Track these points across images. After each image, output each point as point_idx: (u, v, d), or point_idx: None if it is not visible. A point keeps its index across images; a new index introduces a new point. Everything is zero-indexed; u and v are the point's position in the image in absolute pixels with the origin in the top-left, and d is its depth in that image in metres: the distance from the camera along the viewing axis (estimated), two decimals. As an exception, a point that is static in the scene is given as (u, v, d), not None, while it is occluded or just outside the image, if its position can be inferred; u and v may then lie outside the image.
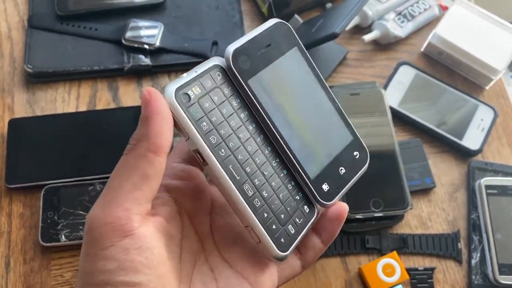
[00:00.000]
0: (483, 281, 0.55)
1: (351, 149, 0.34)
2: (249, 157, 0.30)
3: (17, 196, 0.56)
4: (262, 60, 0.31)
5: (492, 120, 0.63)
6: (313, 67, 0.34)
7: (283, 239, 0.30)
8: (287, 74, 0.32)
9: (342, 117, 0.35)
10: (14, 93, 0.62)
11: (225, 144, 0.29)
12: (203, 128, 0.28)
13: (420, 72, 0.65)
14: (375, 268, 0.53)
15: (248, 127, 0.30)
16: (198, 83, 0.29)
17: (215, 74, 0.30)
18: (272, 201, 0.30)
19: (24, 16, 0.67)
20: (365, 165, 0.35)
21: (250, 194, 0.29)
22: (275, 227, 0.30)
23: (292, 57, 0.32)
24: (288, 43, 0.33)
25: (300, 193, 0.32)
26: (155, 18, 0.66)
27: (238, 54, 0.30)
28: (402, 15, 0.68)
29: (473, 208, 0.59)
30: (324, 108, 0.34)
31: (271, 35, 0.32)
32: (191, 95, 0.28)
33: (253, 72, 0.30)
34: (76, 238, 0.53)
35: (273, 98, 0.31)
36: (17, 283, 0.53)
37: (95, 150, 0.58)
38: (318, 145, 0.33)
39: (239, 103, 0.30)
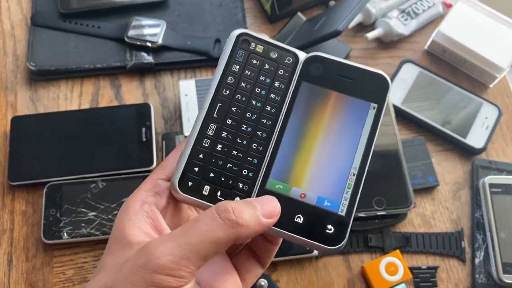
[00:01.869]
0: (487, 280, 0.55)
1: (329, 220, 0.29)
2: (239, 118, 0.31)
3: (19, 194, 0.57)
4: (331, 82, 0.31)
5: (496, 118, 0.63)
6: (373, 135, 0.31)
7: (191, 185, 0.29)
8: (342, 111, 0.31)
9: (353, 193, 0.30)
10: (17, 91, 0.62)
11: (233, 91, 0.31)
12: (231, 68, 0.31)
13: (424, 70, 0.65)
14: (378, 266, 0.53)
15: (266, 106, 0.31)
16: (265, 46, 0.32)
17: (286, 55, 0.32)
18: (218, 157, 0.30)
19: (27, 14, 0.67)
20: (327, 246, 0.29)
21: (208, 133, 0.30)
22: (196, 171, 0.29)
23: (361, 106, 0.31)
24: (371, 95, 0.31)
25: (247, 187, 0.30)
26: (158, 16, 0.66)
27: (317, 60, 0.32)
28: (405, 13, 0.68)
29: (477, 207, 0.58)
30: (342, 167, 0.30)
31: (363, 76, 0.31)
32: (250, 46, 0.32)
33: (313, 80, 0.31)
34: (78, 235, 0.54)
35: (307, 112, 0.31)
36: (19, 280, 0.53)
37: (98, 147, 0.58)
38: (302, 178, 0.30)
39: (281, 88, 0.31)
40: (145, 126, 0.59)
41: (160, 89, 0.64)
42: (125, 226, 0.28)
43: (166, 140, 0.58)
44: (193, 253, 0.25)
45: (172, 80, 0.64)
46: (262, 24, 0.69)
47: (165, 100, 0.63)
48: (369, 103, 0.31)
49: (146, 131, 0.59)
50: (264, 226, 0.27)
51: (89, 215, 0.54)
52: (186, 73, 0.65)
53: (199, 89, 0.61)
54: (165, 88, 0.64)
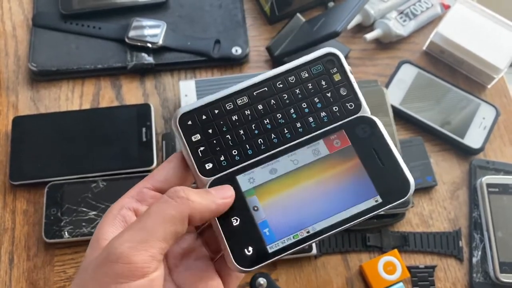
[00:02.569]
0: (484, 279, 0.55)
1: (256, 244, 0.29)
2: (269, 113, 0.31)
3: (21, 193, 0.57)
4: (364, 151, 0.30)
5: (494, 118, 0.63)
6: (355, 219, 0.29)
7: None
8: (350, 178, 0.30)
9: (295, 243, 0.29)
10: (19, 91, 0.63)
11: (286, 88, 0.31)
12: (300, 71, 0.31)
13: (422, 71, 0.66)
14: (376, 265, 0.54)
15: (298, 122, 0.31)
16: (342, 78, 0.32)
17: (350, 101, 0.31)
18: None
19: (28, 15, 0.67)
20: (236, 264, 0.28)
21: (237, 102, 0.31)
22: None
23: (366, 190, 0.30)
24: (384, 192, 0.29)
25: (225, 162, 0.31)
26: (158, 17, 0.67)
27: (365, 122, 0.31)
28: (404, 14, 0.68)
29: (475, 207, 0.59)
30: (300, 218, 0.29)
31: (391, 170, 0.30)
32: (331, 69, 0.32)
33: (353, 138, 0.31)
34: (79, 234, 0.54)
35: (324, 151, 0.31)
36: (20, 279, 0.53)
37: (98, 147, 0.59)
38: (270, 193, 0.30)
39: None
40: (145, 126, 0.60)
41: (160, 90, 0.64)
42: (101, 229, 0.28)
43: (166, 140, 0.59)
44: (150, 236, 0.26)
45: (172, 80, 0.65)
46: (262, 25, 0.69)
47: (165, 100, 0.63)
48: (376, 195, 0.29)
49: (147, 131, 0.59)
50: (218, 204, 0.28)
51: (89, 214, 0.55)
52: (186, 73, 0.65)
53: (199, 89, 0.61)
54: (165, 88, 0.64)
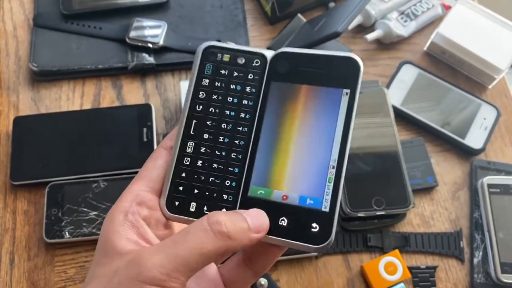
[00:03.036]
0: (485, 279, 0.55)
1: (313, 218, 0.28)
2: (215, 130, 0.31)
3: (21, 193, 0.57)
4: (300, 76, 0.31)
5: (495, 119, 0.63)
6: (349, 120, 0.29)
7: (178, 204, 0.30)
8: (314, 103, 0.30)
9: (335, 186, 0.29)
10: (19, 91, 0.63)
11: (206, 105, 0.31)
12: (201, 82, 0.31)
13: (423, 71, 0.66)
14: (377, 266, 0.54)
15: (241, 113, 0.31)
16: (232, 54, 0.32)
17: (253, 59, 0.32)
18: (200, 173, 0.30)
19: (29, 15, 0.67)
20: (314, 246, 0.28)
21: (187, 151, 0.31)
22: (181, 190, 0.30)
23: (333, 95, 0.30)
24: (342, 81, 0.30)
25: (232, 197, 0.30)
26: (159, 17, 0.67)
27: (283, 57, 0.31)
28: (405, 14, 0.68)
29: (476, 207, 0.59)
30: (320, 162, 0.29)
31: (331, 63, 0.30)
32: (217, 57, 0.32)
33: (282, 78, 0.31)
34: (79, 234, 0.54)
35: (280, 111, 0.30)
36: (21, 279, 0.53)
37: (99, 147, 0.59)
38: (282, 180, 0.29)
39: (252, 92, 0.31)
40: (146, 126, 0.60)
41: (161, 90, 0.64)
42: (113, 237, 0.28)
43: (167, 140, 0.59)
44: (183, 265, 0.26)
45: (173, 80, 0.65)
46: (262, 25, 0.69)
47: (166, 100, 0.63)
48: (341, 89, 0.30)
49: (147, 131, 0.59)
50: (253, 241, 0.27)
51: (90, 214, 0.55)
52: (187, 73, 0.65)
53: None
54: (166, 88, 0.64)
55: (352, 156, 0.57)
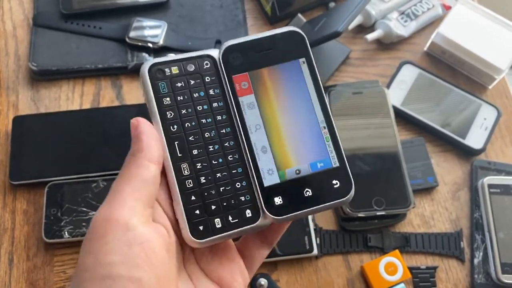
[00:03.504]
0: (486, 280, 0.55)
1: (330, 176, 0.31)
2: (202, 142, 0.30)
3: (21, 193, 0.57)
4: (256, 61, 0.31)
5: (495, 119, 0.63)
6: (317, 84, 0.32)
7: (203, 228, 0.29)
8: (280, 81, 0.32)
9: (334, 142, 0.31)
10: (19, 91, 0.63)
11: (180, 122, 0.30)
12: (163, 102, 0.30)
13: (423, 71, 0.65)
14: (377, 266, 0.53)
15: (216, 116, 0.31)
16: (179, 64, 0.31)
17: (202, 62, 0.31)
18: (207, 189, 0.30)
19: (29, 15, 0.67)
20: (343, 199, 0.31)
21: (185, 173, 0.30)
22: (199, 213, 0.29)
23: (293, 67, 0.32)
24: (295, 53, 0.32)
25: (248, 196, 0.30)
26: (159, 17, 0.66)
27: (232, 49, 0.31)
28: (405, 14, 0.68)
29: (476, 207, 0.59)
30: (311, 128, 0.31)
31: (277, 41, 0.32)
32: (166, 72, 0.31)
33: (241, 69, 0.31)
34: (79, 234, 0.54)
35: (254, 99, 0.31)
36: (20, 279, 0.53)
37: (99, 147, 0.58)
38: (287, 158, 0.31)
39: (217, 93, 0.31)
40: (146, 126, 0.59)
41: (161, 90, 0.64)
42: None
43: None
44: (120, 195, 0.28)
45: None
46: (263, 25, 0.69)
47: (166, 100, 0.63)
48: (297, 60, 0.32)
49: (147, 131, 0.59)
50: None
51: (90, 214, 0.55)
52: (187, 73, 0.65)
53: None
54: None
55: (352, 156, 0.57)
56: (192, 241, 0.29)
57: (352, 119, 0.59)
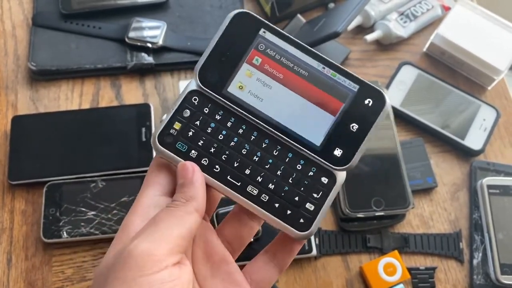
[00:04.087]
0: (485, 281, 0.55)
1: (360, 99, 0.32)
2: (245, 159, 0.31)
3: (19, 193, 0.57)
4: (231, 63, 0.32)
5: (495, 120, 0.63)
6: (288, 39, 0.32)
7: (303, 220, 0.31)
8: (262, 61, 0.32)
9: (340, 72, 0.32)
10: (18, 91, 0.62)
11: (217, 160, 0.31)
12: (192, 157, 0.31)
13: (423, 72, 0.65)
14: (376, 267, 0.53)
15: (238, 131, 0.31)
16: (177, 118, 0.31)
17: (191, 101, 0.31)
18: (280, 189, 0.31)
19: (28, 15, 0.67)
20: (383, 108, 0.32)
21: (255, 193, 0.31)
22: (291, 212, 0.31)
23: (262, 42, 0.32)
24: (252, 30, 0.32)
25: (314, 168, 0.31)
26: (158, 17, 0.66)
27: (204, 69, 0.32)
28: (404, 15, 0.68)
29: (475, 208, 0.59)
30: (316, 77, 0.32)
31: (231, 33, 0.32)
32: (173, 133, 0.31)
33: (225, 80, 0.32)
34: (77, 234, 0.54)
35: (254, 92, 0.32)
36: (18, 279, 0.53)
37: (98, 147, 0.58)
38: (316, 113, 0.32)
39: (222, 114, 0.31)
40: (145, 126, 0.59)
41: (160, 90, 0.64)
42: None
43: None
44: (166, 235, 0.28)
45: (172, 80, 0.65)
46: (262, 25, 0.69)
47: (165, 100, 0.63)
48: (257, 34, 0.32)
49: (146, 131, 0.59)
50: None
51: (88, 214, 0.55)
52: (186, 73, 0.65)
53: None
54: (165, 88, 0.64)
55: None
56: (303, 235, 0.31)
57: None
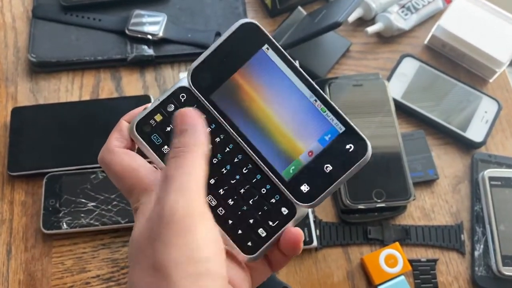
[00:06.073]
0: (487, 272, 0.55)
1: (341, 143, 0.31)
2: (215, 169, 0.30)
3: (19, 184, 0.57)
4: (224, 71, 0.31)
5: (496, 112, 0.63)
6: (290, 62, 0.31)
7: (251, 243, 0.30)
8: (256, 77, 0.31)
9: (331, 110, 0.31)
10: (18, 82, 0.62)
11: None
12: (164, 152, 0.31)
13: (424, 64, 0.65)
14: (377, 258, 0.53)
15: (215, 139, 0.31)
16: (159, 110, 0.31)
17: (178, 97, 0.31)
18: (237, 208, 0.30)
19: (28, 7, 0.67)
20: (363, 158, 0.31)
21: (213, 204, 0.30)
22: (241, 232, 0.30)
23: (261, 58, 0.31)
24: (255, 44, 0.31)
25: (277, 196, 0.31)
26: (159, 9, 0.66)
27: (197, 71, 0.31)
28: (405, 7, 0.68)
29: (477, 200, 0.58)
30: (304, 107, 0.31)
31: (234, 40, 0.31)
32: (152, 124, 0.31)
33: (215, 86, 0.31)
34: (77, 225, 0.53)
35: (240, 106, 0.31)
36: (18, 270, 0.53)
37: (98, 139, 0.57)
38: (296, 145, 0.31)
39: (205, 118, 0.31)
40: (145, 117, 0.59)
41: (160, 82, 0.64)
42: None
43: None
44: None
45: (172, 72, 0.64)
46: (263, 18, 0.69)
47: (165, 92, 0.63)
48: (261, 50, 0.31)
49: (146, 122, 0.59)
50: None
51: (88, 205, 0.54)
52: (186, 65, 0.65)
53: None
54: (165, 80, 0.64)
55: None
56: (248, 258, 0.30)
57: (352, 112, 0.59)
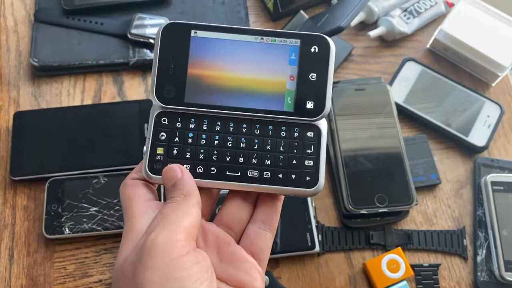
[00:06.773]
0: (489, 277, 0.55)
1: (306, 50, 0.32)
2: (234, 150, 0.31)
3: (21, 189, 0.57)
4: (179, 74, 0.32)
5: (499, 116, 0.63)
6: (219, 28, 0.32)
7: (308, 177, 0.31)
8: (205, 58, 0.32)
9: (279, 35, 0.32)
10: (20, 87, 0.62)
11: (209, 162, 0.32)
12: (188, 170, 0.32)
13: (426, 68, 0.65)
14: (379, 263, 0.53)
15: (216, 129, 0.32)
16: (156, 144, 0.32)
17: (161, 123, 0.32)
18: (276, 161, 0.31)
19: (30, 11, 0.67)
20: (330, 48, 0.32)
21: (256, 175, 0.31)
22: (295, 176, 0.31)
23: (197, 42, 0.32)
24: (183, 35, 0.32)
25: (296, 128, 0.32)
26: (161, 13, 0.66)
27: (159, 90, 0.32)
28: (408, 11, 0.68)
29: (479, 205, 0.58)
30: (256, 50, 0.32)
31: (167, 46, 0.32)
32: (160, 159, 0.32)
33: (181, 91, 0.32)
34: (79, 230, 0.53)
35: (212, 89, 0.32)
36: (20, 275, 0.53)
37: (100, 143, 0.58)
38: (276, 82, 0.32)
39: (195, 121, 0.32)
40: (147, 122, 0.59)
41: (162, 86, 0.64)
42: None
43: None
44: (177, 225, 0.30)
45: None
46: (265, 22, 0.69)
47: (167, 96, 0.63)
48: (190, 37, 0.32)
49: (148, 127, 0.59)
50: None
51: (90, 210, 0.54)
52: (188, 70, 0.65)
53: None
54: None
55: (355, 153, 0.57)
56: (316, 190, 0.32)
57: (355, 116, 0.59)
